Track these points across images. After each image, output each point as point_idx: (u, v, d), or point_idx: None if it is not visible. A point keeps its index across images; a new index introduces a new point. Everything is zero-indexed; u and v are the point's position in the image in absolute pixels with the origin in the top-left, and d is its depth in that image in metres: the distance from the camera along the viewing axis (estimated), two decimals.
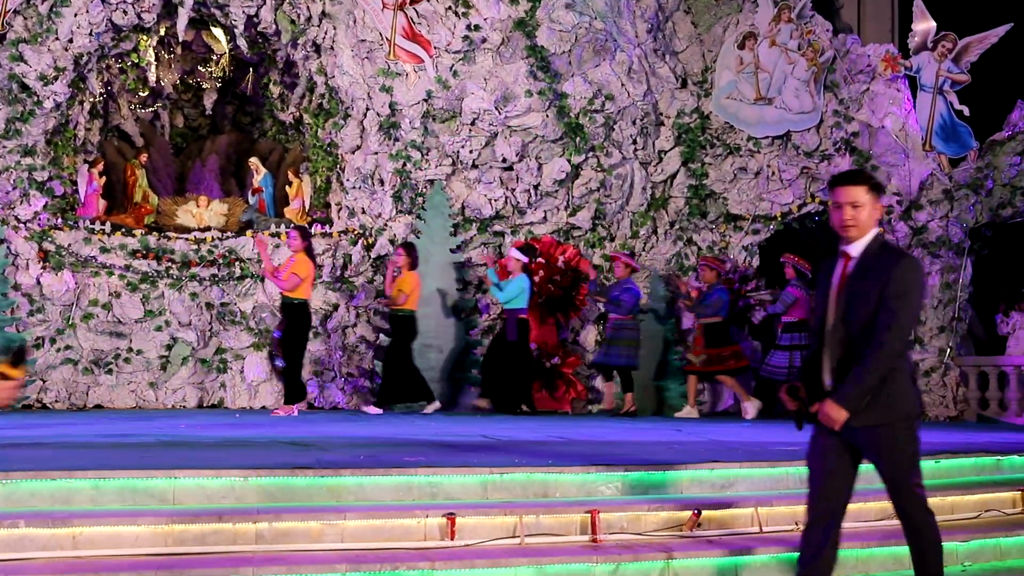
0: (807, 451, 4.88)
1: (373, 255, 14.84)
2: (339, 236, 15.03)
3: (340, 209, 15.51)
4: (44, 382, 13.53)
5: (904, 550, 5.93)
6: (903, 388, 4.68)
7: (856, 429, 4.62)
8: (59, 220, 14.17)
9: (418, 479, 6.01)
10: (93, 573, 4.95)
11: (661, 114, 15.54)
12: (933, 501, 6.53)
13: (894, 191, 14.38)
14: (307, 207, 16.61)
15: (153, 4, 14.74)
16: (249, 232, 15.09)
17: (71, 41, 14.28)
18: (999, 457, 7.63)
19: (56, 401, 13.66)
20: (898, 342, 4.58)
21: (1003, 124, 14.26)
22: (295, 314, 12.14)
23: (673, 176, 15.51)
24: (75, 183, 15.39)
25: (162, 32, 15.68)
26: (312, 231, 15.07)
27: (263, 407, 14.02)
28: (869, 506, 6.41)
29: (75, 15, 14.21)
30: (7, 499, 5.53)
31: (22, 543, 5.14)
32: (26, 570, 4.93)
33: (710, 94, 15.56)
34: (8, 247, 13.31)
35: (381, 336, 14.19)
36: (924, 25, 14.54)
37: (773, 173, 15.14)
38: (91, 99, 15.68)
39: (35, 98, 14.13)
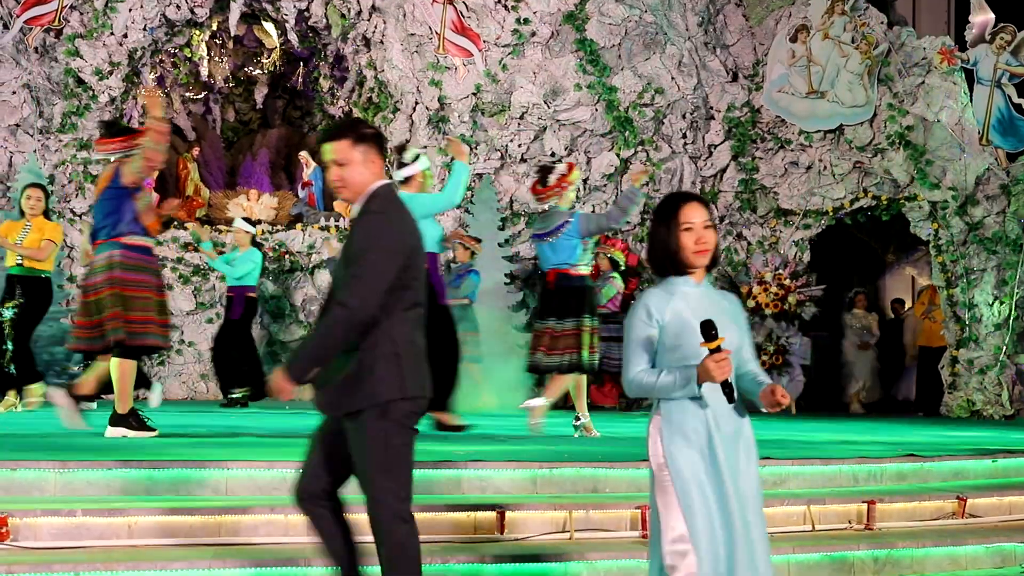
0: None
1: None
2: None
3: None
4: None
5: (961, 550, 5.93)
6: (383, 369, 3.91)
7: (339, 416, 4.02)
8: None
9: (467, 473, 5.99)
10: (148, 562, 4.96)
11: (711, 108, 15.45)
12: (988, 501, 6.53)
13: (949, 186, 14.20)
14: None
15: (205, 0, 14.88)
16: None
17: (125, 36, 14.45)
18: None
19: (109, 392, 13.79)
20: (355, 308, 3.83)
21: None
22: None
23: (723, 170, 15.43)
24: None
25: (214, 27, 15.82)
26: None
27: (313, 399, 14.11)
28: (924, 506, 6.35)
29: (129, 10, 14.38)
30: (65, 488, 5.57)
31: (79, 531, 5.16)
32: (84, 558, 4.94)
33: (761, 88, 15.46)
34: (64, 240, 13.48)
35: None
36: (982, 17, 14.36)
37: (825, 168, 15.02)
38: (144, 94, 15.85)
39: (90, 92, 14.33)
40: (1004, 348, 13.99)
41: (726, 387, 3.73)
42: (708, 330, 3.69)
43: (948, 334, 14.51)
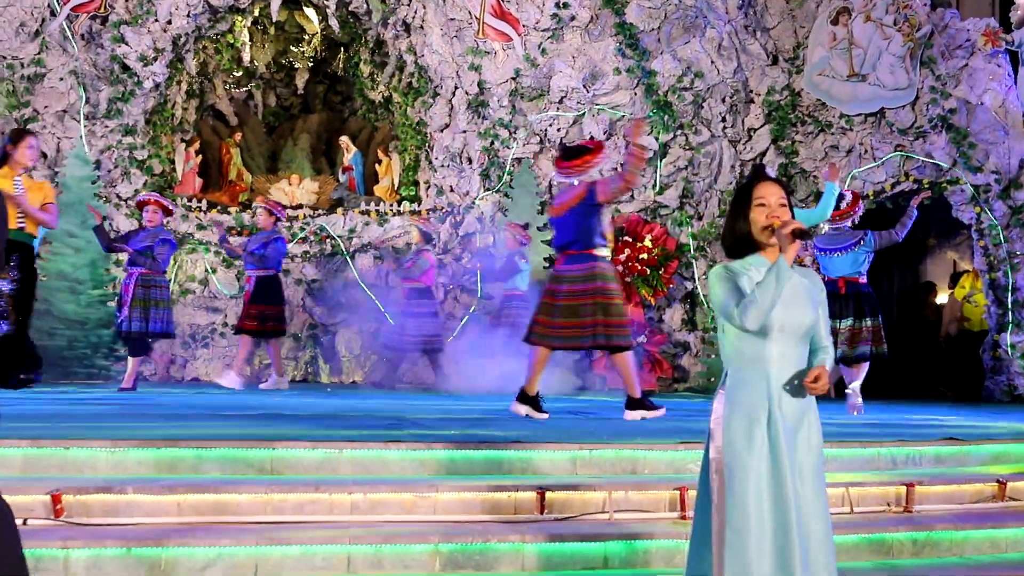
0: None
1: (461, 233, 14.95)
2: (427, 214, 15.17)
3: (428, 187, 15.65)
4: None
5: (1001, 532, 5.91)
6: None
7: None
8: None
9: (508, 454, 6.03)
10: (196, 538, 5.03)
11: (751, 91, 15.40)
12: None
13: (992, 169, 14.08)
14: (396, 185, 16.79)
15: None
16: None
17: (169, 22, 14.58)
18: None
19: (154, 374, 14.01)
20: None
21: None
22: None
23: (763, 154, 15.37)
24: (173, 161, 15.75)
25: (256, 13, 15.95)
26: (401, 209, 15.25)
27: (353, 381, 14.26)
28: (963, 489, 6.34)
29: None
30: (116, 467, 5.68)
31: (130, 508, 5.26)
32: (134, 535, 5.03)
33: (802, 71, 15.37)
34: (110, 224, 13.64)
35: None
36: None
37: (866, 151, 14.92)
38: (188, 79, 16.01)
39: (135, 78, 14.47)
40: None
41: (800, 233, 3.76)
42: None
43: (990, 318, 14.43)
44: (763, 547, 3.73)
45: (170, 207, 11.26)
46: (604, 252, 8.43)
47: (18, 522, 5.09)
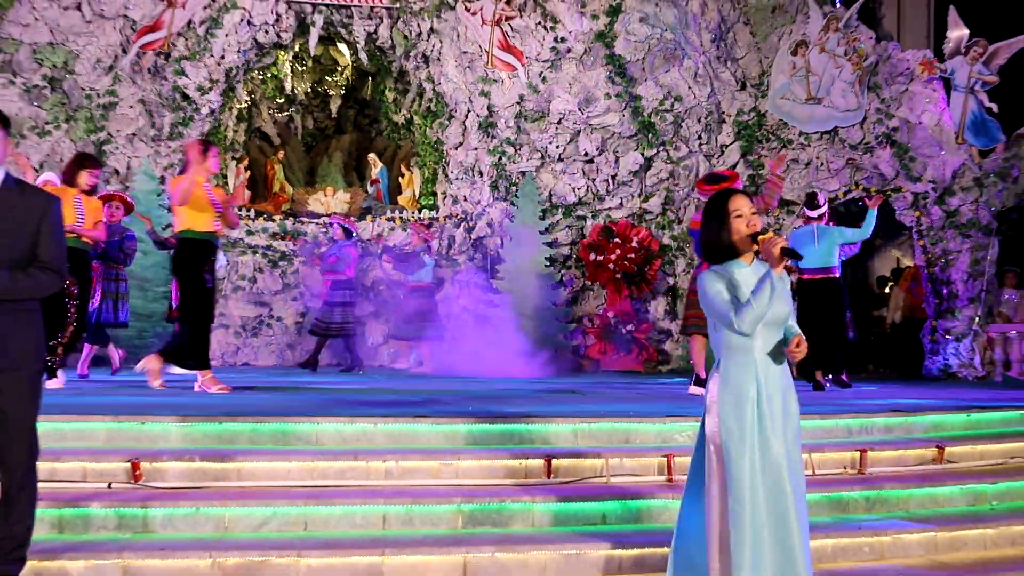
0: None
1: (473, 236, 14.98)
2: (444, 220, 15.20)
3: (445, 197, 15.67)
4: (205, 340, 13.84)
5: (939, 490, 5.93)
6: None
7: None
8: None
9: (519, 427, 6.03)
10: (254, 499, 5.07)
11: (723, 113, 15.40)
12: (963, 449, 6.55)
13: (930, 179, 14.10)
14: (417, 195, 16.80)
15: (290, 24, 14.99)
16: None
17: (223, 57, 14.60)
18: (1022, 412, 7.51)
19: (212, 359, 14.03)
20: None
21: None
22: None
23: (733, 167, 15.37)
24: (225, 177, 15.76)
25: (296, 48, 15.96)
26: (421, 216, 15.27)
27: (380, 365, 14.29)
28: (908, 453, 6.35)
29: (226, 36, 14.52)
30: (185, 438, 5.71)
31: (196, 474, 5.31)
32: (199, 496, 5.07)
33: (766, 95, 15.38)
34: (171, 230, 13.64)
35: None
36: (958, 32, 14.24)
37: (822, 164, 14.93)
38: (238, 106, 16.02)
39: (194, 106, 14.48)
40: (976, 319, 13.91)
41: (789, 252, 3.78)
42: (755, 237, 3.83)
43: (928, 307, 14.45)
44: (759, 510, 3.77)
45: (131, 203, 10.67)
46: None
47: (103, 485, 5.18)
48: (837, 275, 10.16)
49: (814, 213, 10.04)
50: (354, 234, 13.51)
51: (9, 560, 4.08)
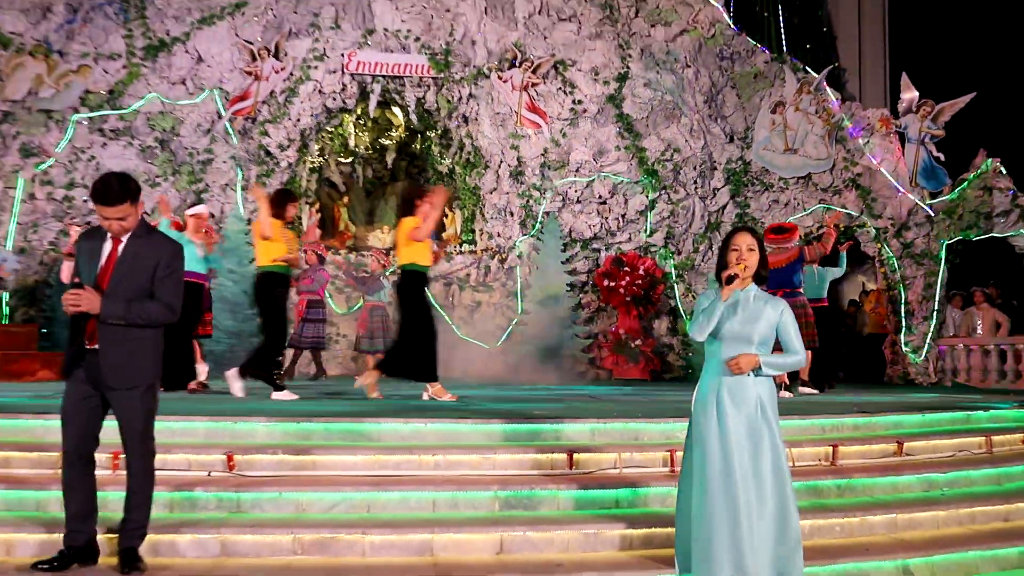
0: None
1: (505, 266, 15.02)
2: (481, 253, 15.25)
3: (481, 233, 15.72)
4: (282, 356, 13.86)
5: (899, 479, 5.89)
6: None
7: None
8: None
9: (545, 427, 6.05)
10: (326, 486, 5.13)
11: (715, 161, 15.41)
12: (919, 444, 6.51)
13: (888, 216, 14.05)
14: (458, 232, 16.87)
15: (353, 92, 15.16)
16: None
17: (299, 120, 14.78)
18: (968, 412, 7.47)
19: (288, 371, 14.06)
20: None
21: (969, 166, 13.91)
22: None
23: (724, 207, 15.38)
24: (300, 218, 15.88)
25: (358, 111, 16.06)
26: (461, 248, 15.33)
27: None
28: (872, 448, 6.32)
29: (301, 103, 14.72)
30: (269, 435, 5.77)
31: (279, 465, 5.37)
32: (282, 482, 5.15)
33: (751, 146, 15.39)
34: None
35: None
36: (909, 94, 14.29)
37: (798, 204, 14.90)
38: (311, 159, 16.16)
39: (275, 160, 14.65)
40: (929, 334, 13.80)
41: (730, 280, 3.86)
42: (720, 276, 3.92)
43: (889, 324, 14.35)
44: (715, 491, 3.79)
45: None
46: (802, 289, 9.24)
47: (204, 473, 5.26)
48: (827, 303, 10.44)
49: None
50: (326, 260, 13.31)
51: (133, 537, 4.23)
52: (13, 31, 14.09)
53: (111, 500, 4.61)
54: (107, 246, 4.20)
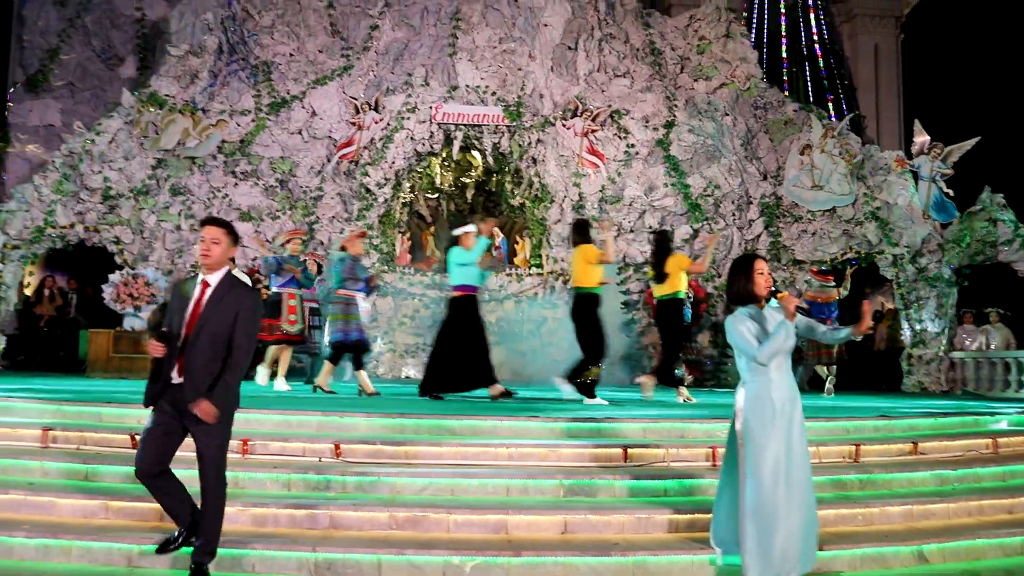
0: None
1: (569, 287, 15.02)
2: (547, 275, 15.28)
3: (548, 259, 15.76)
4: (377, 362, 14.05)
5: (915, 475, 5.73)
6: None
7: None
8: (385, 267, 14.76)
9: (603, 425, 6.06)
10: (417, 472, 5.16)
11: (751, 196, 15.19)
12: (932, 444, 6.32)
13: (905, 244, 13.67)
14: (528, 257, 16.91)
15: (439, 139, 15.38)
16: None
17: (394, 163, 15.03)
18: (976, 417, 7.23)
19: (386, 373, 14.32)
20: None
21: (975, 201, 13.53)
22: None
23: (758, 236, 15.13)
24: (394, 245, 16.12)
25: (444, 155, 16.29)
26: (530, 271, 15.37)
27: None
28: (891, 447, 6.18)
29: (395, 148, 14.98)
30: (369, 428, 5.89)
31: (378, 454, 5.47)
32: (381, 469, 5.21)
33: (782, 183, 15.12)
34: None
35: None
36: (922, 138, 14.03)
37: (824, 234, 14.57)
38: (403, 195, 16.41)
39: (373, 196, 14.91)
40: (941, 348, 13.36)
41: (800, 309, 3.95)
42: (774, 294, 3.89)
43: (906, 339, 13.93)
44: (778, 487, 3.76)
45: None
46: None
47: (315, 459, 5.38)
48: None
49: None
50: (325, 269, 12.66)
51: (203, 553, 4.01)
52: (168, 93, 14.77)
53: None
54: (195, 293, 4.03)
